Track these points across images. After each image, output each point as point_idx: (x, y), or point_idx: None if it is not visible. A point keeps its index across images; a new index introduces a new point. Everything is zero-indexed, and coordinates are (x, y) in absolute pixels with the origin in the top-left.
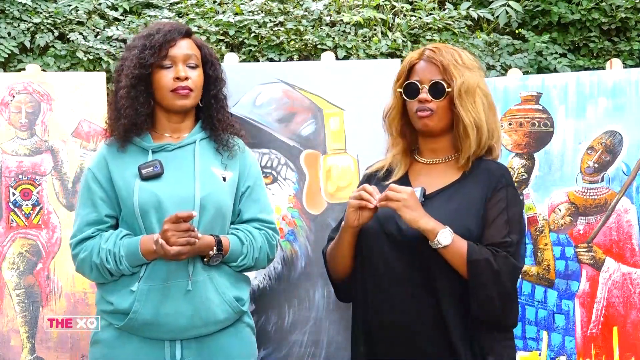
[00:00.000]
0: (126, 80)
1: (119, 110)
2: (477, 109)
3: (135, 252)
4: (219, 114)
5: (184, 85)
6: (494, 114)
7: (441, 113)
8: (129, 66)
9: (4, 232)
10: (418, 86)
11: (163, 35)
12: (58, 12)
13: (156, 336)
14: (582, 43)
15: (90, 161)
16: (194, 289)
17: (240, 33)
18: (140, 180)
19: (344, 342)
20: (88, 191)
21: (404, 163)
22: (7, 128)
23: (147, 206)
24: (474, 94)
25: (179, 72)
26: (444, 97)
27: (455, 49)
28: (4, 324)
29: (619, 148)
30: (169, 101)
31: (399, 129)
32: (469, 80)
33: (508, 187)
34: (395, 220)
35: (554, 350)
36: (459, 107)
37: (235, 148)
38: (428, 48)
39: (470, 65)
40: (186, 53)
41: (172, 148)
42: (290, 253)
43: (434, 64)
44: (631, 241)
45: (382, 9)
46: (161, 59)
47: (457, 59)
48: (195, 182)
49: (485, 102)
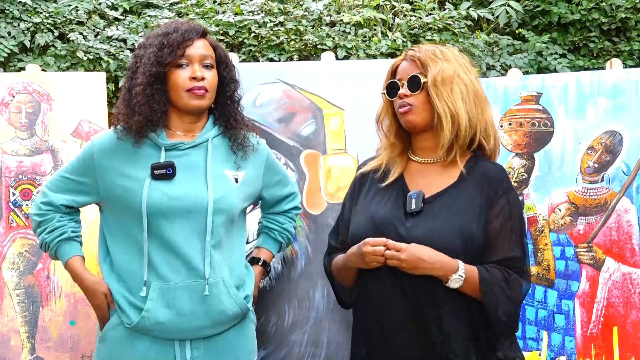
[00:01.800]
0: (142, 77)
1: (133, 107)
2: (453, 97)
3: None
4: (236, 115)
5: (200, 86)
6: (480, 105)
7: (421, 106)
8: (145, 63)
9: (4, 232)
10: (398, 84)
11: (181, 34)
12: (58, 12)
13: (167, 336)
14: (582, 43)
15: (97, 139)
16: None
17: (240, 33)
18: (151, 180)
19: (344, 342)
20: (83, 165)
21: (400, 164)
22: (7, 128)
23: (156, 206)
24: (451, 83)
25: (195, 72)
26: (420, 89)
27: (438, 47)
28: (4, 324)
29: (619, 148)
30: (184, 101)
31: (393, 131)
32: (445, 70)
33: (509, 192)
34: (395, 226)
35: (554, 350)
36: (433, 96)
37: (249, 148)
38: (411, 48)
39: (451, 58)
40: (202, 53)
41: (185, 147)
42: (290, 253)
43: (413, 60)
44: (631, 241)
45: (382, 9)
46: (178, 57)
47: (437, 53)
48: (208, 185)
49: (465, 91)
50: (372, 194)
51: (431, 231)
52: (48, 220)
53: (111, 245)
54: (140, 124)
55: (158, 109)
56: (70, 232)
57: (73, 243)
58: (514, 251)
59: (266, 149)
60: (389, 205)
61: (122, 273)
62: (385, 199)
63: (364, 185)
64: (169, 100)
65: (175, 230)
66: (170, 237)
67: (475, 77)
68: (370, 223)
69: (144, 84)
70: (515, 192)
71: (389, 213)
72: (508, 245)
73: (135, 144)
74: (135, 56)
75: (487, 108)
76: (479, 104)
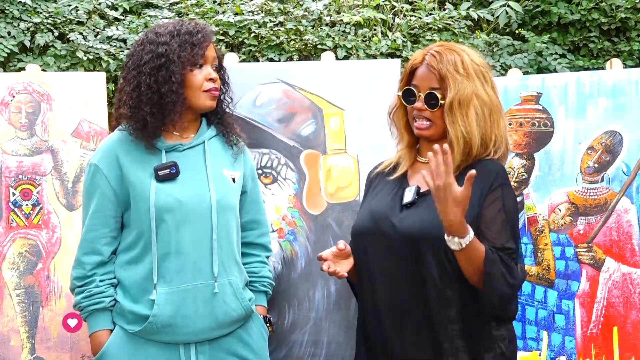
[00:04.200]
0: (176, 76)
1: (164, 106)
2: (468, 121)
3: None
4: (229, 117)
5: (217, 87)
6: (495, 118)
7: (438, 122)
8: (177, 62)
9: (4, 232)
10: (415, 93)
11: (203, 36)
12: (58, 12)
13: (172, 340)
14: (582, 43)
15: (96, 156)
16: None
17: (240, 33)
18: (156, 182)
19: (344, 342)
20: (101, 197)
21: (408, 159)
22: (7, 128)
23: (163, 208)
24: (468, 104)
25: (211, 73)
26: (438, 107)
27: (459, 52)
28: (4, 324)
29: (619, 148)
30: (200, 101)
31: (404, 123)
32: (464, 91)
33: (504, 187)
34: (390, 219)
35: (554, 350)
36: (448, 120)
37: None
38: (431, 52)
39: (472, 71)
40: (214, 55)
41: (183, 148)
42: (290, 253)
43: (432, 72)
44: (631, 241)
45: (382, 9)
46: (199, 57)
47: (458, 66)
48: (210, 185)
49: (481, 112)
50: (378, 189)
51: (422, 222)
52: (87, 284)
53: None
54: (172, 123)
55: (178, 110)
56: (107, 302)
57: (106, 314)
58: (509, 243)
59: (251, 159)
60: (388, 199)
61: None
62: (387, 193)
63: (373, 183)
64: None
65: (181, 232)
66: (177, 239)
67: (492, 86)
68: (369, 215)
69: (177, 82)
70: (511, 188)
71: (385, 206)
72: (500, 238)
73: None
74: (152, 52)
75: (501, 119)
76: (495, 117)
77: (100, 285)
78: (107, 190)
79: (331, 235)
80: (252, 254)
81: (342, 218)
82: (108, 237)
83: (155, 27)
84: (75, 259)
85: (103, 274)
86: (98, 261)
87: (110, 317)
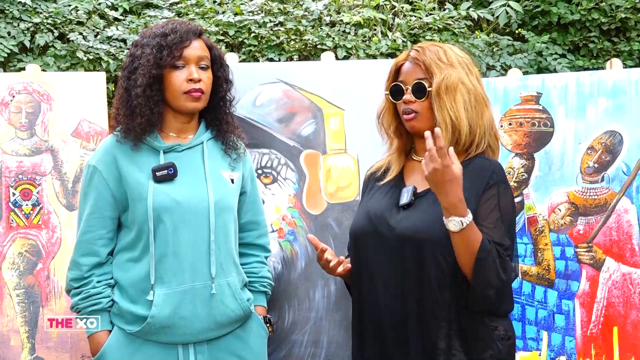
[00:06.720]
0: (142, 79)
1: (134, 108)
2: (456, 106)
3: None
4: (227, 117)
5: (197, 88)
6: (480, 109)
7: (426, 114)
8: (144, 65)
9: (4, 232)
10: (402, 87)
11: (179, 36)
12: (58, 12)
13: (170, 340)
14: (582, 43)
15: (95, 158)
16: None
17: (240, 33)
18: (154, 183)
19: (344, 342)
20: (98, 198)
21: (398, 162)
22: (7, 128)
23: (161, 209)
24: (455, 91)
25: (192, 73)
26: (426, 96)
27: (441, 46)
28: (4, 324)
29: (619, 148)
30: (181, 102)
31: (393, 128)
32: (450, 77)
33: (499, 185)
34: (387, 220)
35: (554, 350)
36: (435, 106)
37: (241, 150)
38: (414, 48)
39: (455, 61)
40: (199, 54)
41: (181, 149)
42: (290, 253)
43: (417, 64)
44: (631, 241)
45: (382, 9)
46: (176, 59)
47: (442, 56)
48: (208, 186)
49: (468, 98)
50: (373, 191)
51: (419, 222)
52: (84, 285)
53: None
54: (142, 125)
55: (157, 110)
56: (105, 302)
57: (104, 315)
58: (503, 240)
59: (250, 160)
60: (385, 200)
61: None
62: (383, 195)
63: (368, 185)
64: (164, 101)
65: (178, 233)
66: (174, 240)
67: (477, 78)
68: (366, 217)
69: (143, 85)
70: (508, 186)
71: (383, 207)
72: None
73: (134, 147)
74: (132, 55)
75: (486, 111)
76: (480, 108)
77: (98, 286)
78: (105, 191)
79: (331, 235)
80: (251, 255)
81: (342, 218)
82: (105, 238)
83: (147, 28)
84: (72, 260)
85: (100, 275)
86: (95, 262)
87: (108, 318)
